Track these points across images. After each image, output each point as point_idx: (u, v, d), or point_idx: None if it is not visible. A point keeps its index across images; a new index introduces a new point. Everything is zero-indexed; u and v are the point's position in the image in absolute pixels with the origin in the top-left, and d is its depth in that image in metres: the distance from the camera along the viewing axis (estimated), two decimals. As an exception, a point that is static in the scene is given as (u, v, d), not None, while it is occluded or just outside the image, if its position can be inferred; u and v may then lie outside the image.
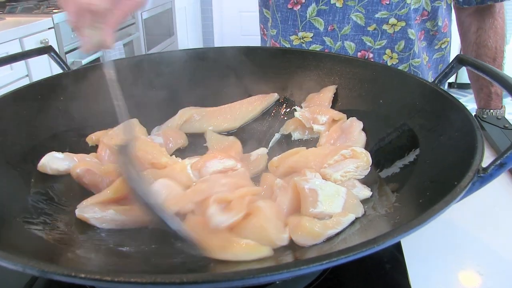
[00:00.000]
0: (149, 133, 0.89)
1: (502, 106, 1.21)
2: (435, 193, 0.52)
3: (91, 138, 0.83)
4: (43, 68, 2.52)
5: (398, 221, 0.55)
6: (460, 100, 0.67)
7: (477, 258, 0.68)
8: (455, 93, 4.58)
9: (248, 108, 0.92)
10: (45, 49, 0.88)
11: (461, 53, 1.25)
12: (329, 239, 0.56)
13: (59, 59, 0.88)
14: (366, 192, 0.68)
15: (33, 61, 2.32)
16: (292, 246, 0.58)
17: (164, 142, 0.84)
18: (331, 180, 0.68)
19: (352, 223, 0.59)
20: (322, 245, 0.56)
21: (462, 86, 4.60)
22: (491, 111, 1.19)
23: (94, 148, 0.82)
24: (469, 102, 4.38)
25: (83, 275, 0.35)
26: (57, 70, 0.89)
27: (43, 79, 0.84)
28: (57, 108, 0.82)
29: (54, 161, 0.73)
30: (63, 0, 0.60)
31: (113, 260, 0.55)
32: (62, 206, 0.68)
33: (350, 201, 0.63)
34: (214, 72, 0.96)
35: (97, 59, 2.93)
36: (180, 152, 0.86)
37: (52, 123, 0.80)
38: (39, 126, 0.78)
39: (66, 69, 0.89)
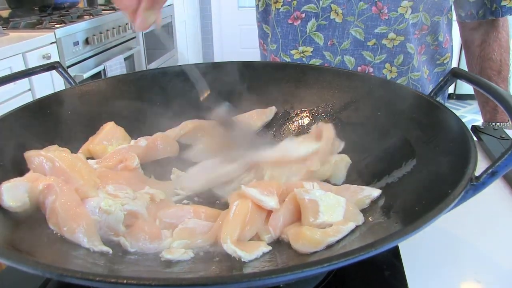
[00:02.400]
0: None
1: (508, 120, 1.22)
2: (431, 201, 0.54)
3: (79, 152, 0.83)
4: (45, 83, 2.55)
5: (396, 228, 0.57)
6: (459, 111, 0.70)
7: (475, 265, 0.69)
8: (453, 103, 4.62)
9: (249, 122, 0.94)
10: (53, 65, 0.90)
11: (466, 66, 1.28)
12: (330, 246, 0.58)
13: (67, 75, 0.91)
14: (375, 192, 0.70)
15: (35, 75, 2.35)
16: (293, 253, 0.60)
17: (152, 144, 0.85)
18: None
19: (352, 231, 0.61)
20: (322, 252, 0.57)
21: (460, 97, 4.64)
22: (497, 124, 1.20)
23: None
24: (468, 113, 4.41)
25: (113, 280, 0.37)
26: (58, 83, 0.91)
27: (52, 94, 0.86)
28: (65, 121, 0.84)
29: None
30: None
31: (122, 266, 0.57)
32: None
33: (350, 210, 0.65)
34: (215, 87, 0.98)
35: (98, 73, 2.96)
36: (168, 161, 0.87)
37: (60, 136, 0.82)
38: (50, 139, 0.80)
39: (73, 84, 0.91)
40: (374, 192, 0.71)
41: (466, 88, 4.47)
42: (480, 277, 0.67)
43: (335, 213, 0.63)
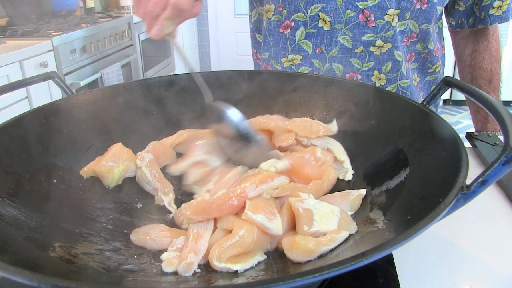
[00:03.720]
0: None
1: (500, 129, 1.22)
2: (422, 210, 0.54)
3: (85, 171, 0.83)
4: (42, 91, 2.56)
5: (388, 236, 0.57)
6: (455, 116, 0.70)
7: (469, 272, 0.70)
8: (449, 109, 4.62)
9: None
10: (49, 75, 0.91)
11: (458, 75, 1.30)
12: (323, 255, 0.59)
13: (63, 84, 0.91)
14: (362, 191, 0.73)
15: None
16: (287, 262, 0.61)
17: (155, 157, 0.87)
18: None
19: (346, 239, 0.62)
20: (316, 261, 0.58)
21: (457, 103, 4.65)
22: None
23: (90, 180, 0.83)
24: (464, 119, 4.42)
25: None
26: (55, 91, 0.91)
27: (48, 104, 0.86)
28: (61, 131, 0.85)
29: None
30: None
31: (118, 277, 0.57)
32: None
33: (344, 219, 0.65)
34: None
35: (95, 81, 2.97)
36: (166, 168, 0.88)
37: (57, 145, 0.83)
38: (45, 149, 0.80)
39: (69, 93, 0.92)
40: (360, 191, 0.73)
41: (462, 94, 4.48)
42: (475, 283, 0.68)
43: (329, 222, 0.64)
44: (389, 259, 0.69)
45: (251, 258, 0.60)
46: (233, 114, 0.80)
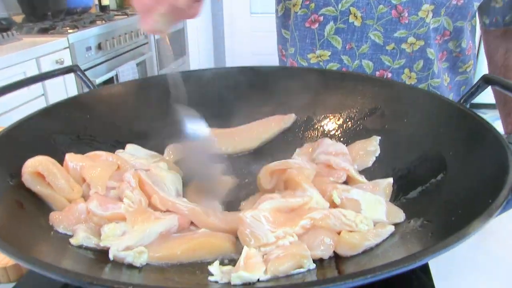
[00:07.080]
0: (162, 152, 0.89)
1: None
2: (467, 211, 0.52)
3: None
4: (59, 88, 2.56)
5: (432, 237, 0.55)
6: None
7: (508, 282, 0.66)
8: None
9: (265, 129, 0.93)
10: (71, 68, 0.90)
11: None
12: (368, 250, 0.57)
13: (85, 78, 0.90)
14: (389, 180, 0.72)
15: (48, 80, 2.36)
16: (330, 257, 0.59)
17: None
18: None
19: (390, 235, 0.60)
20: (361, 257, 0.57)
21: (475, 106, 4.59)
22: None
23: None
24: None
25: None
26: (71, 88, 0.90)
27: (71, 98, 0.85)
28: (84, 126, 0.83)
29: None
30: None
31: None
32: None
33: (390, 207, 0.65)
34: (234, 92, 0.96)
35: (111, 79, 2.96)
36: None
37: (77, 140, 0.82)
38: (64, 143, 0.79)
39: (91, 87, 0.90)
40: (387, 180, 0.72)
41: (481, 97, 4.41)
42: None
43: (377, 211, 0.63)
44: (424, 266, 0.65)
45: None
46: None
